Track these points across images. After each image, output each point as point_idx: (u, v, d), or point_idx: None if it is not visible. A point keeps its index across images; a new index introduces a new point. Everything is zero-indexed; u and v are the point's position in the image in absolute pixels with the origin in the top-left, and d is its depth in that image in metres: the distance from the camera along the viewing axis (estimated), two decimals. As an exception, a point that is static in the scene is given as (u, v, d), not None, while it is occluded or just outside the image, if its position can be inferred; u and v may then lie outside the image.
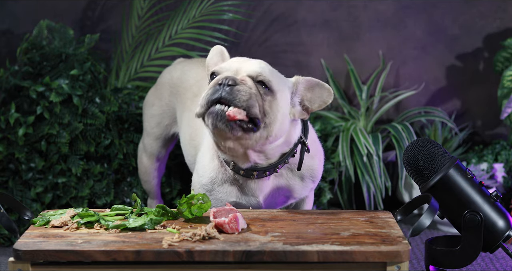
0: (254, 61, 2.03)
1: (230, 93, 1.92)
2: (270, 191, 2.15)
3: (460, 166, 1.99)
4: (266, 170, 2.08)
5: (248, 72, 1.99)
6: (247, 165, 2.06)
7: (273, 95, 1.98)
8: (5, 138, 2.99)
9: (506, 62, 3.35)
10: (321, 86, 2.05)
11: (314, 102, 2.06)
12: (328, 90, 2.05)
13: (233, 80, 1.94)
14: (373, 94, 3.51)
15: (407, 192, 3.33)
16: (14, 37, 3.49)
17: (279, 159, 2.08)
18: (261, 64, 2.02)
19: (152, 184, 2.87)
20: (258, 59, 2.06)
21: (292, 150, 2.09)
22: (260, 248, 1.74)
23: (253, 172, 2.07)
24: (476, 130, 3.60)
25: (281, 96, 2.00)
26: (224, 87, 1.93)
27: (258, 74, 1.98)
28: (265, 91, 1.97)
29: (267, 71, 2.00)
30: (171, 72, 2.70)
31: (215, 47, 2.17)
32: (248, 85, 1.95)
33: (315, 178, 2.21)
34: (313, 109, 2.07)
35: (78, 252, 1.74)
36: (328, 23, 3.52)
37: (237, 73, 1.99)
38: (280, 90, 2.00)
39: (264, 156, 2.05)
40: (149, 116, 2.74)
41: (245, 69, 2.00)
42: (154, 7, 3.39)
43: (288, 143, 2.07)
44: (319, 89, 2.05)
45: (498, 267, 2.76)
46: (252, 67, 2.00)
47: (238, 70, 2.00)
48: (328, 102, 2.05)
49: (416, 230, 1.80)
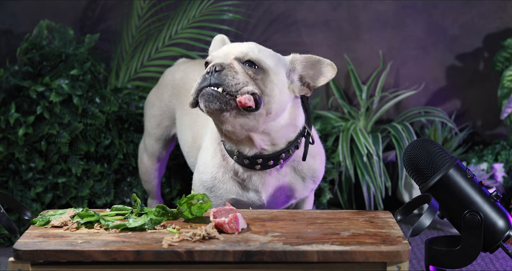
0: (243, 43, 2.05)
1: (218, 78, 1.95)
2: (272, 190, 2.15)
3: (460, 166, 1.99)
4: (271, 158, 2.07)
5: (235, 54, 2.00)
6: (253, 151, 2.05)
7: (264, 72, 1.99)
8: (5, 138, 2.99)
9: (506, 62, 3.35)
10: (321, 62, 2.06)
11: (317, 78, 2.07)
12: (330, 65, 2.05)
13: (220, 65, 1.96)
14: (373, 94, 3.51)
15: (407, 192, 3.33)
16: (14, 37, 3.50)
17: (285, 146, 2.07)
18: (249, 45, 2.03)
19: (152, 184, 2.87)
20: (250, 42, 2.07)
21: (297, 138, 2.08)
22: (260, 248, 1.74)
23: (257, 160, 2.06)
24: (476, 131, 3.60)
25: (274, 72, 2.01)
26: (212, 74, 1.96)
27: (244, 55, 1.99)
28: (254, 71, 1.98)
29: (255, 51, 2.01)
30: (173, 73, 2.69)
31: (217, 36, 2.20)
32: (235, 69, 1.97)
33: (316, 178, 2.21)
34: (316, 85, 2.07)
35: (78, 252, 1.74)
36: (328, 23, 3.52)
37: (226, 58, 2.01)
38: (272, 67, 2.01)
39: (269, 139, 2.04)
40: (150, 116, 2.73)
41: (232, 52, 2.02)
42: (154, 7, 3.39)
43: (293, 126, 2.07)
44: (320, 65, 2.06)
45: (498, 267, 2.76)
46: (239, 49, 2.02)
47: (226, 54, 2.02)
48: (332, 76, 2.06)
49: (416, 230, 1.80)
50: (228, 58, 2.01)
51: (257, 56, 2.00)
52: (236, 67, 1.98)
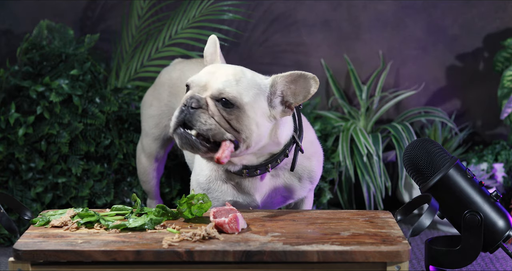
0: (222, 75, 1.99)
1: (192, 118, 1.94)
2: (267, 191, 2.14)
3: (460, 166, 1.99)
4: (257, 169, 2.07)
5: (212, 91, 1.96)
6: (237, 168, 2.06)
7: (240, 109, 1.95)
8: (5, 138, 2.99)
9: (506, 62, 3.35)
10: (304, 77, 1.97)
11: (299, 94, 2.00)
12: (312, 78, 1.97)
13: (197, 102, 1.95)
14: (373, 94, 3.51)
15: (407, 192, 3.33)
16: (14, 37, 3.50)
17: (270, 158, 2.07)
18: (228, 78, 1.97)
19: (151, 184, 2.86)
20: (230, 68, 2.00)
21: (284, 150, 2.07)
22: (260, 248, 1.74)
23: (243, 170, 2.07)
24: (476, 131, 3.60)
25: (252, 106, 1.97)
26: (188, 109, 1.95)
27: (220, 92, 1.95)
28: (229, 111, 1.95)
29: (232, 86, 1.96)
30: (170, 73, 2.69)
31: (211, 36, 2.15)
32: (210, 111, 1.95)
33: (313, 179, 2.19)
34: (297, 102, 2.00)
35: (78, 252, 1.74)
36: (328, 23, 3.52)
37: (205, 88, 1.98)
38: (249, 102, 1.96)
39: (249, 157, 2.05)
40: (147, 116, 2.73)
41: (210, 86, 1.97)
42: (154, 7, 3.39)
43: (276, 143, 2.04)
44: (303, 80, 1.98)
45: (498, 267, 2.76)
46: (215, 85, 1.97)
47: (205, 85, 1.98)
48: (313, 91, 1.98)
49: (416, 230, 1.80)
50: (207, 89, 1.98)
51: (233, 94, 1.95)
52: (210, 108, 1.95)
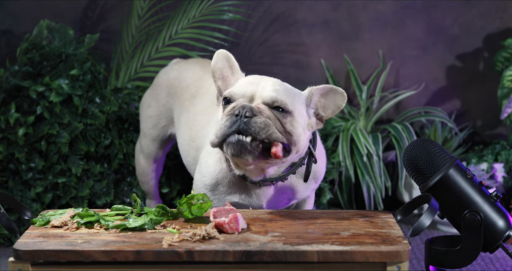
0: (268, 85, 1.99)
1: (248, 125, 1.91)
2: (274, 195, 2.16)
3: (460, 166, 1.99)
4: (275, 180, 2.09)
5: (263, 99, 1.96)
6: (259, 178, 2.07)
7: (291, 115, 1.97)
8: (5, 138, 2.99)
9: (506, 62, 3.35)
10: (334, 90, 2.03)
11: (328, 108, 2.05)
12: (341, 94, 2.03)
13: (250, 111, 1.92)
14: (373, 94, 3.51)
15: (407, 192, 3.33)
16: (14, 37, 3.49)
17: (289, 170, 2.09)
18: (275, 87, 1.99)
19: (150, 184, 2.87)
20: (271, 79, 2.02)
21: (302, 161, 2.09)
22: (260, 248, 1.74)
23: (261, 181, 2.08)
24: (476, 131, 3.60)
25: (298, 113, 1.99)
26: (242, 118, 1.92)
27: (273, 100, 1.96)
28: (283, 115, 1.95)
29: (282, 95, 1.97)
30: (167, 73, 2.69)
31: (220, 52, 2.09)
32: (265, 115, 1.94)
33: (317, 179, 2.22)
34: (327, 116, 2.05)
35: (78, 252, 1.74)
36: (328, 23, 3.52)
37: (252, 99, 1.97)
38: (296, 108, 1.99)
39: (278, 167, 2.06)
40: (146, 117, 2.73)
41: (259, 95, 1.97)
42: (154, 7, 3.39)
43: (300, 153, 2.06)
44: (332, 94, 2.03)
45: (498, 267, 2.76)
46: (267, 94, 1.97)
47: (252, 96, 1.97)
48: (341, 106, 2.03)
49: (416, 230, 1.80)
50: (255, 100, 1.97)
51: (285, 101, 1.97)
52: (267, 114, 1.94)
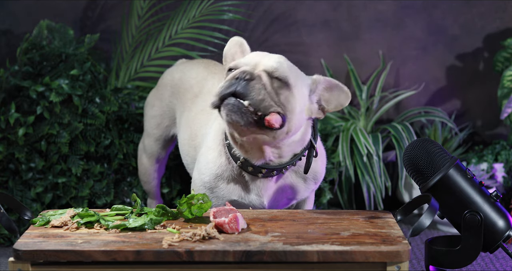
0: (273, 56, 2.03)
1: (245, 88, 1.93)
2: (274, 192, 2.15)
3: (460, 166, 1.99)
4: (274, 169, 2.08)
5: (265, 67, 1.99)
6: (260, 162, 2.06)
7: (289, 89, 1.98)
8: (5, 138, 2.99)
9: (506, 62, 3.35)
10: (340, 88, 2.05)
11: (331, 103, 2.06)
12: (346, 93, 2.04)
13: (250, 74, 1.95)
14: (373, 94, 3.51)
15: (407, 192, 3.33)
16: (14, 37, 3.50)
17: (290, 159, 2.09)
18: (280, 59, 2.02)
19: (152, 184, 2.87)
20: (278, 54, 2.06)
21: (303, 152, 2.10)
22: (260, 248, 1.74)
23: (261, 169, 2.07)
24: (476, 131, 3.60)
25: (298, 91, 2.00)
26: (240, 81, 1.94)
27: (274, 69, 1.98)
28: (280, 85, 1.97)
29: (284, 67, 2.00)
30: (172, 73, 2.70)
31: (234, 38, 2.16)
32: (263, 82, 1.95)
33: (317, 179, 2.22)
34: (329, 110, 2.06)
35: (78, 252, 1.74)
36: (328, 23, 3.52)
37: (255, 67, 1.99)
38: (297, 85, 2.00)
39: (278, 153, 2.06)
40: (149, 117, 2.74)
41: (263, 64, 2.00)
42: (154, 7, 3.39)
43: (302, 142, 2.08)
44: (337, 91, 2.05)
45: (498, 267, 2.76)
46: (269, 63, 2.00)
47: (256, 64, 2.00)
48: (344, 104, 2.05)
49: (416, 230, 1.80)
50: (257, 68, 1.99)
51: (286, 73, 1.98)
52: (264, 81, 1.96)
